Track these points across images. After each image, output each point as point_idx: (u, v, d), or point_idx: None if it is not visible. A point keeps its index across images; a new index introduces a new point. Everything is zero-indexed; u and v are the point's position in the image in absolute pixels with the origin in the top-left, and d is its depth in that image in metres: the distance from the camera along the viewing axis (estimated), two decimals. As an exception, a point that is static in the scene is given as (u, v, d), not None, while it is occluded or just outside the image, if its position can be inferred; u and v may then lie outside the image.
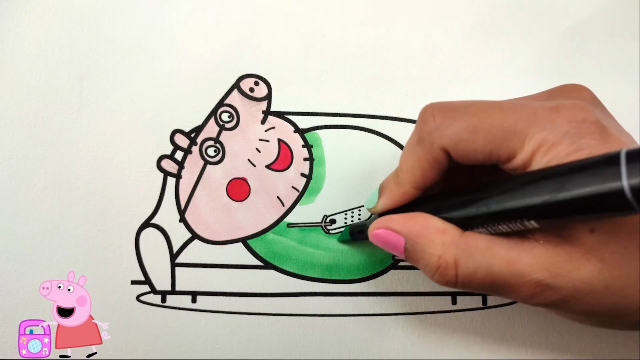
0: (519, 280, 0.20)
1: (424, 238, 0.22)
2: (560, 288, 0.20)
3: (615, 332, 0.31)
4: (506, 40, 0.32)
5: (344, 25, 0.32)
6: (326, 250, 0.30)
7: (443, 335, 0.30)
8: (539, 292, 0.20)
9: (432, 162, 0.22)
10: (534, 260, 0.20)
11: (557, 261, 0.20)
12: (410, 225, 0.23)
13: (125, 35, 0.31)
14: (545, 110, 0.20)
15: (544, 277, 0.20)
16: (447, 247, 0.22)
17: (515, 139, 0.20)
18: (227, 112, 0.30)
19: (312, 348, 0.30)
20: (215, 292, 0.30)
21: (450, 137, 0.21)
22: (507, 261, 0.20)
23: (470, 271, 0.21)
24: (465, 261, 0.21)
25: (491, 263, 0.21)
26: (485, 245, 0.21)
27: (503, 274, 0.20)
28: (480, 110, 0.21)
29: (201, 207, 0.30)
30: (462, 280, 0.22)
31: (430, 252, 0.22)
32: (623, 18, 0.33)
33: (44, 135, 0.30)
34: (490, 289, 0.21)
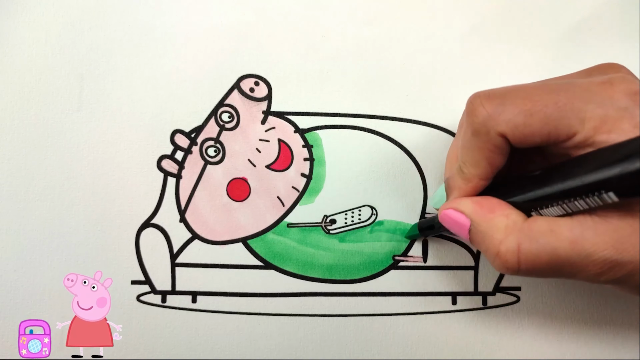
0: (584, 260, 0.20)
1: (488, 222, 0.22)
2: (626, 263, 0.20)
3: (615, 332, 0.31)
4: (506, 40, 0.32)
5: (344, 25, 0.32)
6: (326, 250, 0.30)
7: (443, 335, 0.30)
8: (607, 270, 0.20)
9: (493, 150, 0.22)
10: (599, 238, 0.20)
11: (622, 236, 0.20)
12: (476, 208, 0.23)
13: (125, 36, 0.31)
14: (598, 86, 0.20)
15: (610, 255, 0.20)
16: (510, 231, 0.21)
17: (572, 118, 0.20)
18: (228, 112, 0.30)
19: (312, 348, 0.30)
20: (215, 292, 0.30)
21: (506, 123, 0.21)
22: (572, 242, 0.20)
23: (534, 255, 0.21)
24: (529, 245, 0.21)
25: (555, 245, 0.20)
26: (548, 228, 0.21)
27: (568, 255, 0.20)
28: (530, 93, 0.21)
29: (201, 207, 0.30)
30: (526, 265, 0.21)
31: (493, 236, 0.22)
32: (623, 18, 0.33)
33: (44, 135, 0.30)
34: (555, 272, 0.21)
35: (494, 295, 0.31)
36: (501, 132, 0.21)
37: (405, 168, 0.31)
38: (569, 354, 0.31)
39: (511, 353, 0.30)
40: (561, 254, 0.20)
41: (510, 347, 0.30)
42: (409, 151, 0.31)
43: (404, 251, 0.30)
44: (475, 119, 0.22)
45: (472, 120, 0.22)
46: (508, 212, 0.22)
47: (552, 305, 0.31)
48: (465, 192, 0.24)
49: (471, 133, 0.22)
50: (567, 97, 0.20)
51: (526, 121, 0.21)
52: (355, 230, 0.30)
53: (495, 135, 0.22)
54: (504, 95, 0.22)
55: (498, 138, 0.22)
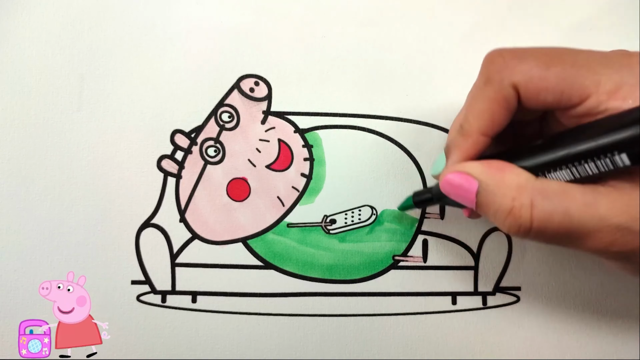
0: (598, 224, 0.19)
1: (499, 180, 0.21)
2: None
3: (616, 332, 0.31)
4: (506, 40, 0.32)
5: (344, 25, 0.32)
6: (326, 250, 0.30)
7: (443, 335, 0.30)
8: (619, 238, 0.19)
9: (501, 102, 0.21)
10: (613, 203, 0.19)
11: (636, 204, 0.19)
12: (484, 169, 0.22)
13: (126, 36, 0.31)
14: (617, 55, 0.21)
15: (624, 221, 0.19)
16: (523, 189, 0.21)
17: (589, 78, 0.20)
18: (228, 112, 0.31)
19: (312, 348, 0.30)
20: (215, 292, 0.30)
21: (522, 73, 0.21)
22: (586, 204, 0.20)
23: (547, 214, 0.20)
24: (542, 202, 0.20)
25: (568, 206, 0.20)
26: (562, 189, 0.20)
27: (581, 217, 0.20)
28: (550, 50, 0.21)
29: (201, 207, 0.30)
30: (538, 224, 0.20)
31: (504, 194, 0.21)
32: (623, 18, 0.33)
33: (44, 135, 0.30)
34: (567, 235, 0.20)
35: (494, 295, 0.31)
36: (515, 83, 0.21)
37: (405, 168, 0.31)
38: (569, 354, 0.31)
39: (511, 353, 0.30)
40: (574, 215, 0.20)
41: (510, 347, 0.30)
42: (409, 151, 0.31)
43: (404, 251, 0.30)
44: (492, 67, 0.22)
45: (487, 68, 0.22)
46: (518, 171, 0.21)
47: (552, 305, 0.31)
48: (465, 150, 0.23)
49: (484, 82, 0.22)
50: (586, 59, 0.20)
51: (542, 74, 0.20)
52: (355, 230, 0.30)
53: (508, 85, 0.21)
54: (524, 50, 0.22)
55: (509, 89, 0.21)
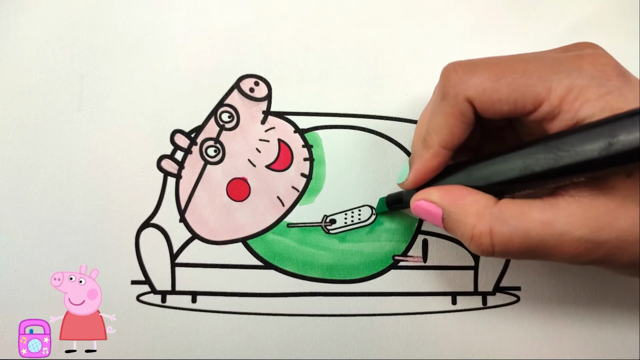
0: (558, 240, 0.20)
1: (459, 208, 0.22)
2: (603, 242, 0.19)
3: (615, 332, 0.31)
4: (506, 40, 0.32)
5: (344, 25, 0.32)
6: (326, 250, 0.30)
7: (443, 335, 0.30)
8: (583, 251, 0.20)
9: (458, 116, 0.22)
10: (571, 217, 0.20)
11: (596, 215, 0.19)
12: (446, 197, 0.23)
13: (125, 36, 0.31)
14: (568, 58, 0.21)
15: (584, 234, 0.19)
16: (481, 216, 0.22)
17: (540, 85, 0.20)
18: (227, 112, 0.31)
19: (312, 348, 0.30)
20: (215, 292, 0.30)
21: (474, 87, 0.21)
22: (543, 223, 0.20)
23: (507, 237, 0.21)
24: (500, 228, 0.21)
25: (527, 227, 0.20)
26: (519, 210, 0.21)
27: (541, 236, 0.20)
28: (502, 60, 0.21)
29: (201, 207, 0.30)
30: (499, 247, 0.21)
31: (465, 222, 0.22)
32: (623, 18, 0.33)
33: (44, 135, 0.30)
34: (530, 253, 0.21)
35: (493, 295, 0.31)
36: (469, 97, 0.21)
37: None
38: (569, 354, 0.31)
39: (511, 353, 0.30)
40: (533, 235, 0.20)
41: (510, 347, 0.30)
42: (408, 151, 0.31)
43: (404, 251, 0.30)
44: (447, 83, 0.22)
45: (443, 84, 0.22)
46: (478, 197, 0.22)
47: (552, 305, 0.31)
48: (426, 161, 0.24)
49: (440, 97, 0.23)
50: (536, 66, 0.21)
51: (494, 86, 0.21)
52: (355, 230, 0.30)
53: (463, 100, 0.22)
54: (477, 62, 0.22)
55: (464, 103, 0.22)
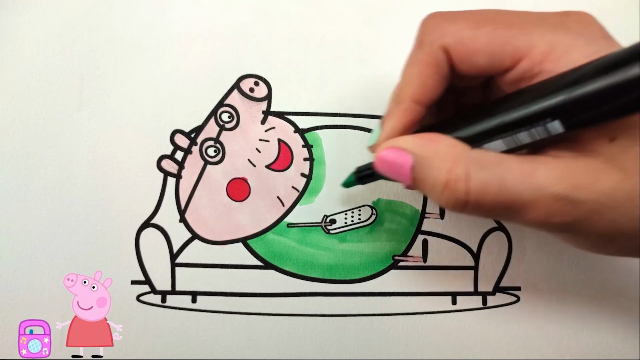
0: (535, 194, 0.18)
1: (433, 153, 0.20)
2: (581, 202, 0.18)
3: (615, 331, 0.31)
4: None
5: (343, 26, 0.32)
6: (326, 250, 0.30)
7: (443, 335, 0.30)
8: (558, 209, 0.18)
9: (432, 65, 0.21)
10: (551, 172, 0.18)
11: (576, 172, 0.18)
12: (418, 141, 0.21)
13: (126, 36, 0.31)
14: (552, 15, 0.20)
15: (563, 190, 0.18)
16: (458, 160, 0.19)
17: (521, 39, 0.19)
18: (227, 112, 0.31)
19: (312, 348, 0.30)
20: (215, 292, 0.30)
21: (452, 34, 0.20)
22: (522, 173, 0.19)
23: (483, 185, 0.19)
24: (478, 173, 0.19)
25: (505, 176, 0.19)
26: (498, 159, 0.19)
27: (518, 187, 0.19)
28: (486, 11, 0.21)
29: (201, 207, 0.30)
30: (475, 196, 0.19)
31: (439, 167, 0.20)
32: (623, 18, 0.33)
33: (44, 135, 0.30)
34: (504, 207, 0.19)
35: (493, 295, 0.31)
36: (445, 45, 0.20)
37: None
38: (569, 354, 0.31)
39: (511, 353, 0.30)
40: (510, 185, 0.19)
41: (510, 347, 0.30)
42: (409, 151, 0.31)
43: (403, 251, 0.30)
44: (424, 30, 0.21)
45: (420, 31, 0.22)
46: (453, 142, 0.20)
47: (552, 305, 0.31)
48: (398, 119, 0.22)
49: (417, 46, 0.22)
50: (519, 19, 0.20)
51: (472, 34, 0.20)
52: (355, 230, 0.30)
53: (438, 48, 0.21)
54: (458, 13, 0.21)
55: (440, 52, 0.21)
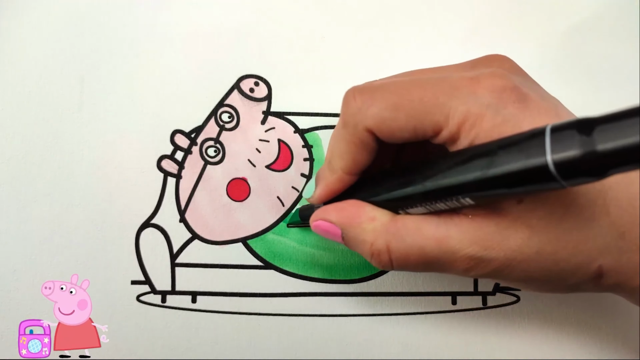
0: (451, 257, 0.20)
1: (356, 227, 0.23)
2: (492, 259, 0.20)
3: (615, 332, 0.31)
4: (506, 41, 0.32)
5: (343, 26, 0.32)
6: (326, 250, 0.30)
7: (443, 335, 0.30)
8: (473, 266, 0.20)
9: (359, 144, 0.22)
10: (463, 235, 0.20)
11: (486, 233, 0.20)
12: (342, 215, 0.23)
13: (126, 36, 0.31)
14: (465, 82, 0.20)
15: (475, 251, 0.20)
16: (378, 233, 0.22)
17: (437, 113, 0.20)
18: (227, 113, 0.31)
19: (312, 348, 0.30)
20: (215, 292, 0.30)
21: (373, 118, 0.21)
22: (437, 240, 0.21)
23: (403, 254, 0.21)
24: (397, 245, 0.21)
25: (422, 244, 0.21)
26: (415, 226, 0.21)
27: (435, 253, 0.21)
28: (399, 88, 0.21)
29: (201, 207, 0.30)
30: (397, 263, 0.22)
31: (363, 240, 0.22)
32: (623, 18, 0.33)
33: (45, 135, 0.30)
34: (426, 268, 0.22)
35: (494, 295, 0.31)
36: (368, 127, 0.21)
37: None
38: (569, 354, 0.31)
39: (511, 353, 0.30)
40: (428, 252, 0.21)
41: (510, 347, 0.30)
42: (408, 151, 0.31)
43: (404, 251, 0.30)
44: (347, 111, 0.22)
45: (343, 112, 0.22)
46: (373, 214, 0.22)
47: (552, 305, 0.31)
48: (330, 184, 0.24)
49: (342, 125, 0.23)
50: (434, 92, 0.20)
51: (391, 115, 0.21)
52: (355, 230, 0.30)
53: (362, 130, 0.22)
54: (375, 89, 0.22)
55: (364, 133, 0.22)
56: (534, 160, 0.16)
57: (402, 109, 0.21)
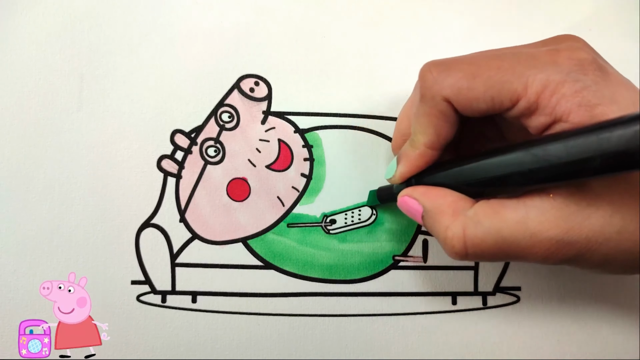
0: (530, 240, 0.20)
1: (437, 209, 0.22)
2: (574, 242, 0.19)
3: (615, 332, 0.31)
4: (506, 40, 0.32)
5: (344, 25, 0.32)
6: (326, 250, 0.30)
7: (443, 335, 0.30)
8: (554, 251, 0.20)
9: (439, 116, 0.22)
10: (544, 217, 0.20)
11: (568, 214, 0.19)
12: (427, 196, 0.23)
13: (126, 35, 0.31)
14: (543, 53, 0.20)
15: (556, 234, 0.19)
16: (456, 216, 0.22)
17: (515, 82, 0.20)
18: (228, 112, 0.30)
19: (312, 348, 0.30)
20: (215, 292, 0.30)
21: (450, 87, 0.21)
22: (516, 222, 0.20)
23: (479, 239, 0.21)
24: (474, 229, 0.21)
25: (500, 227, 0.20)
26: (493, 210, 0.21)
27: (513, 236, 0.20)
28: (476, 58, 0.21)
29: (201, 207, 0.30)
30: (473, 249, 0.21)
31: (440, 222, 0.22)
32: (623, 18, 0.33)
33: (44, 135, 0.30)
34: (504, 254, 0.21)
35: (494, 295, 0.31)
36: (446, 97, 0.21)
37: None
38: (569, 354, 0.31)
39: (511, 353, 0.30)
40: (506, 235, 0.20)
41: (510, 347, 0.30)
42: (409, 151, 0.31)
43: (404, 251, 0.30)
44: (424, 84, 0.22)
45: (420, 85, 0.23)
46: (455, 198, 0.22)
47: (552, 305, 0.31)
48: (413, 159, 0.24)
49: (419, 99, 0.23)
50: (511, 62, 0.20)
51: (469, 84, 0.21)
52: (355, 230, 0.30)
53: (440, 100, 0.22)
54: (452, 62, 0.22)
55: (443, 103, 0.22)
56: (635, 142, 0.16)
57: (480, 77, 0.21)
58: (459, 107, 0.21)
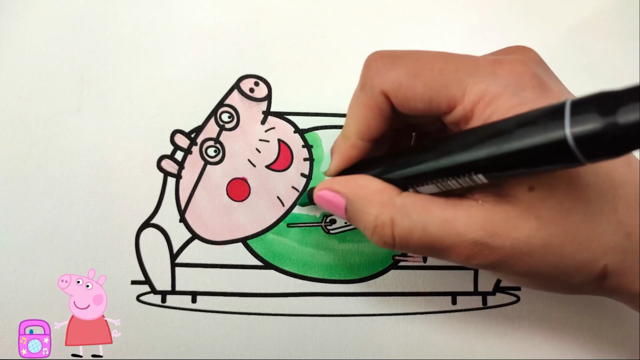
0: (455, 240, 0.20)
1: (362, 198, 0.22)
2: (497, 247, 0.19)
3: (615, 332, 0.31)
4: (506, 41, 0.32)
5: (344, 25, 0.32)
6: (326, 250, 0.30)
7: (443, 335, 0.30)
8: (477, 253, 0.20)
9: (374, 108, 0.22)
10: (470, 219, 0.20)
11: (495, 220, 0.19)
12: (350, 186, 0.23)
13: (126, 36, 0.31)
14: (486, 62, 0.20)
15: (481, 237, 0.19)
16: (384, 206, 0.21)
17: (455, 87, 0.20)
18: (227, 113, 0.31)
19: (312, 348, 0.30)
20: (215, 292, 0.30)
21: (391, 81, 0.21)
22: (444, 220, 0.20)
23: (407, 230, 0.21)
24: (402, 220, 0.21)
25: (427, 222, 0.20)
26: (422, 204, 0.21)
27: (439, 233, 0.20)
28: (422, 57, 0.21)
29: (201, 207, 0.30)
30: (400, 240, 0.21)
31: (368, 212, 0.22)
32: (623, 18, 0.33)
33: (44, 135, 0.30)
34: (428, 249, 0.21)
35: (494, 295, 0.31)
36: (384, 90, 0.21)
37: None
38: (569, 354, 0.31)
39: (511, 353, 0.30)
40: (432, 231, 0.20)
41: (510, 347, 0.30)
42: (408, 151, 0.31)
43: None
44: (366, 73, 0.22)
45: (363, 73, 0.22)
46: (381, 187, 0.22)
47: (552, 305, 0.31)
48: (344, 151, 0.24)
49: (360, 88, 0.23)
50: (455, 67, 0.20)
51: (410, 82, 0.21)
52: (355, 230, 0.30)
53: (378, 93, 0.22)
54: (398, 56, 0.22)
55: (380, 96, 0.22)
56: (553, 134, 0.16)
57: (421, 77, 0.20)
58: (396, 102, 0.21)
